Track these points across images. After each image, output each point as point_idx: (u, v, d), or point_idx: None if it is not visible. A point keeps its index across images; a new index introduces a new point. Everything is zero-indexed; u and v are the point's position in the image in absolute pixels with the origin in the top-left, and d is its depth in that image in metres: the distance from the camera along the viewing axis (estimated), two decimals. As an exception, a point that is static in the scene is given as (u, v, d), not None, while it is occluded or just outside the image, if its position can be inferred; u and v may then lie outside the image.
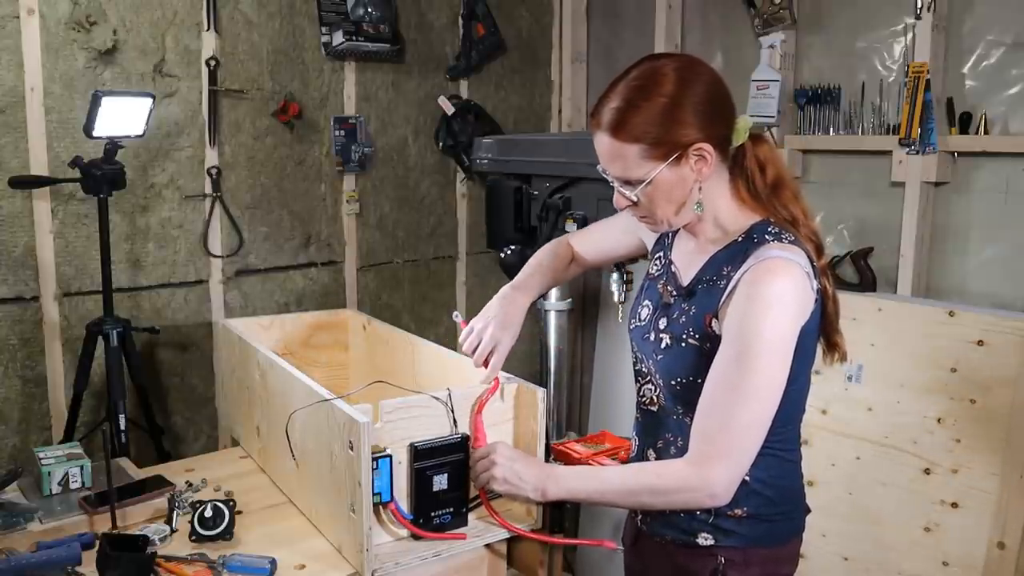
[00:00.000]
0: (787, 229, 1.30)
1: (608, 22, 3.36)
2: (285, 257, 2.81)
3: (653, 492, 1.31)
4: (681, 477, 1.28)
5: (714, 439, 1.25)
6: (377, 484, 1.44)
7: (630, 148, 1.25)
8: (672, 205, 1.30)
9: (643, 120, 1.24)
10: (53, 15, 2.27)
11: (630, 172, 1.28)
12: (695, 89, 1.25)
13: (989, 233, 2.27)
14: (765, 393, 1.23)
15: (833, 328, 1.34)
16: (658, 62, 1.28)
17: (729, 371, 1.23)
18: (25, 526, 1.59)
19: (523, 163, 2.72)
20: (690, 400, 1.31)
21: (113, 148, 2.17)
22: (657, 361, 1.37)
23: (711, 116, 1.26)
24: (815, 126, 2.59)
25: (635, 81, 1.26)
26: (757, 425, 1.24)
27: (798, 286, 1.23)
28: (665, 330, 1.36)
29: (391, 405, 1.48)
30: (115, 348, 2.23)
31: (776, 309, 1.22)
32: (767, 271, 1.22)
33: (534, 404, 1.58)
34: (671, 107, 1.23)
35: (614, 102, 1.26)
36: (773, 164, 1.34)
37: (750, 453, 1.26)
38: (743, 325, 1.22)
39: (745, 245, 1.29)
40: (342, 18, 2.77)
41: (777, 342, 1.22)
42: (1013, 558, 1.93)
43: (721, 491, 1.26)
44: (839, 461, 2.26)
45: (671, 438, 1.38)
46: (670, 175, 1.27)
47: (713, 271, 1.32)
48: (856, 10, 2.52)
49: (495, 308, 1.59)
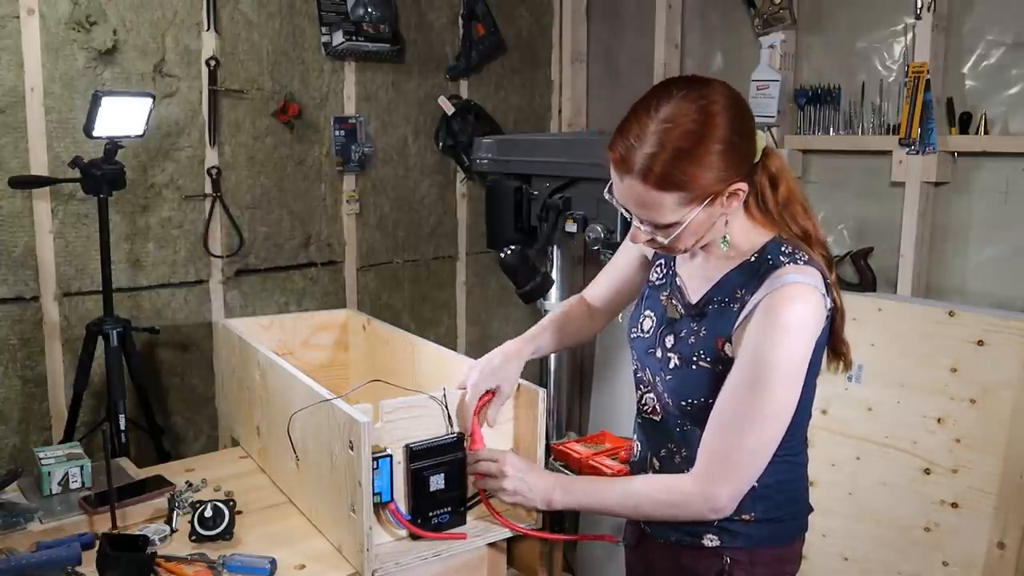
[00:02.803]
0: (799, 247, 1.28)
1: (608, 22, 3.35)
2: (285, 257, 2.81)
3: (656, 505, 1.32)
4: (686, 494, 1.29)
5: (722, 460, 1.25)
6: (377, 484, 1.44)
7: (665, 196, 1.19)
8: (695, 238, 1.27)
9: (678, 167, 1.17)
10: (53, 15, 2.27)
11: (663, 218, 1.22)
12: (725, 127, 1.19)
13: (989, 233, 2.27)
14: (777, 419, 1.24)
15: (839, 339, 1.34)
16: (685, 101, 1.19)
17: (742, 396, 1.23)
18: (25, 526, 1.59)
19: (523, 163, 2.72)
20: (701, 419, 1.31)
21: (113, 148, 2.17)
22: (666, 382, 1.36)
23: (741, 152, 1.22)
24: (815, 126, 2.59)
25: (666, 124, 1.17)
26: (766, 447, 1.25)
27: (816, 310, 1.22)
28: (673, 349, 1.35)
29: (391, 405, 1.48)
30: (115, 348, 2.23)
31: (793, 336, 1.21)
32: (787, 299, 1.21)
33: (534, 404, 1.58)
34: (705, 152, 1.17)
35: (647, 147, 1.17)
36: (784, 178, 1.31)
37: (757, 472, 1.27)
38: (759, 351, 1.21)
39: (758, 266, 1.27)
40: (342, 18, 2.77)
41: (793, 369, 1.22)
42: (1013, 558, 1.93)
43: (725, 507, 1.27)
44: (839, 461, 2.26)
45: (674, 447, 1.38)
46: (703, 216, 1.23)
47: (726, 292, 1.30)
48: (856, 10, 2.52)
49: (487, 357, 1.58)
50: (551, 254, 2.83)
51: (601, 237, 2.43)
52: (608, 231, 2.41)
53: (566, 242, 2.77)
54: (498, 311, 3.40)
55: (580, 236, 2.54)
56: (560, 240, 2.72)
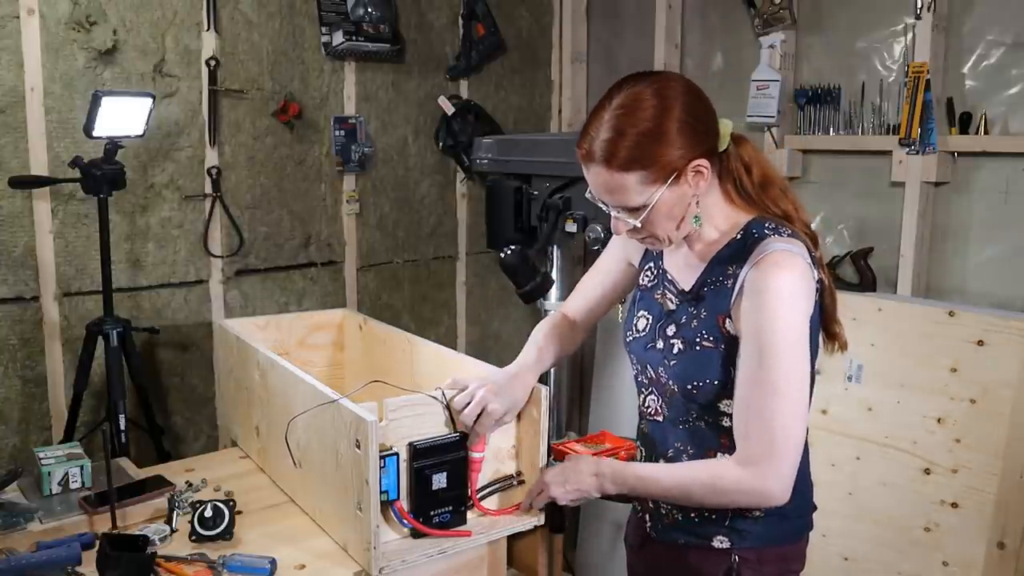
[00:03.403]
0: (782, 224, 1.31)
1: (608, 22, 3.36)
2: (285, 257, 2.81)
3: (713, 491, 1.30)
4: (735, 479, 1.27)
5: (757, 439, 1.25)
6: (384, 482, 1.44)
7: (628, 177, 1.25)
8: (673, 222, 1.31)
9: (636, 148, 1.23)
10: (53, 15, 2.27)
11: (630, 200, 1.27)
12: (680, 107, 1.25)
13: (989, 233, 2.27)
14: (794, 384, 1.24)
15: (832, 319, 1.36)
16: (636, 87, 1.27)
17: (754, 369, 1.24)
18: (25, 526, 1.59)
19: (523, 163, 2.72)
20: (707, 404, 1.32)
21: (113, 148, 2.17)
22: (670, 368, 1.36)
23: (699, 131, 1.27)
24: (815, 126, 2.59)
25: (619, 110, 1.25)
26: (794, 416, 1.25)
27: (804, 276, 1.25)
28: (676, 336, 1.36)
29: (395, 403, 1.48)
30: (115, 348, 2.23)
31: (787, 301, 1.23)
32: (773, 264, 1.24)
33: (536, 403, 1.58)
34: (659, 131, 1.23)
35: (604, 134, 1.25)
36: (758, 163, 1.35)
37: (796, 444, 1.25)
38: (758, 322, 1.24)
39: (744, 241, 1.30)
40: (342, 18, 2.77)
41: (793, 332, 1.24)
42: (1013, 558, 1.93)
43: (778, 491, 1.25)
44: (839, 461, 2.26)
45: (681, 447, 1.38)
46: (670, 195, 1.27)
47: (719, 272, 1.32)
48: (856, 10, 2.52)
49: (495, 375, 1.56)
50: (551, 254, 2.83)
51: (601, 237, 2.43)
52: (608, 231, 2.41)
53: (566, 242, 2.77)
54: (498, 311, 3.40)
55: (580, 236, 2.54)
56: (560, 240, 2.72)
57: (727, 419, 1.32)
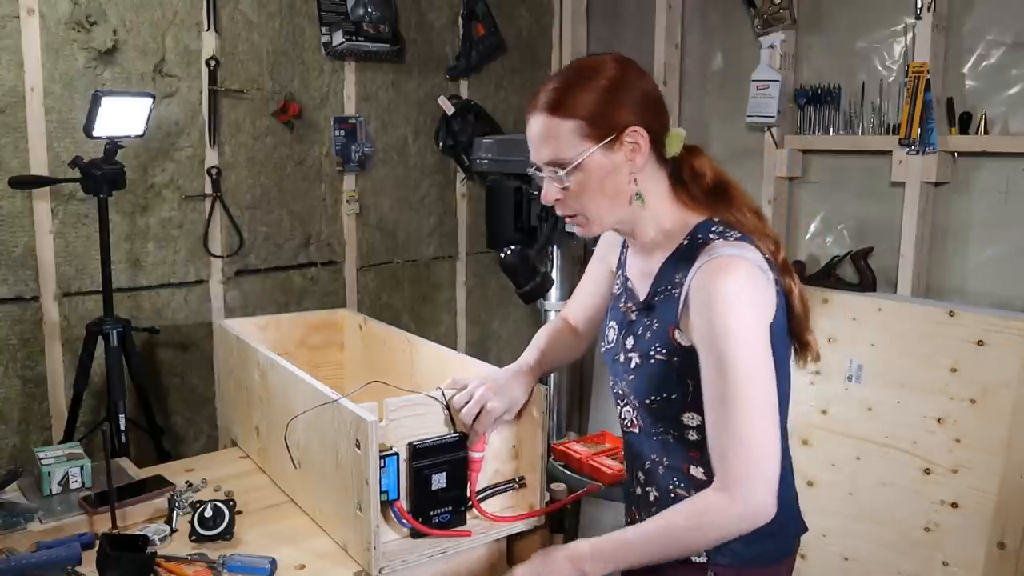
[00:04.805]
0: (732, 227, 1.27)
1: (608, 22, 3.36)
2: (285, 257, 2.81)
3: (698, 531, 1.22)
4: (718, 509, 1.20)
5: (731, 457, 1.19)
6: (384, 482, 1.44)
7: (565, 124, 1.25)
8: (604, 199, 1.28)
9: (581, 97, 1.24)
10: (53, 15, 2.27)
11: (562, 152, 1.26)
12: (633, 80, 1.27)
13: (989, 233, 2.27)
14: (757, 386, 1.18)
15: (803, 327, 1.31)
16: (598, 56, 1.31)
17: (715, 382, 1.19)
18: (25, 526, 1.58)
19: (523, 163, 2.71)
20: (669, 418, 1.28)
21: (113, 148, 2.17)
22: (629, 382, 1.33)
23: (647, 107, 1.27)
24: (815, 126, 2.59)
25: (576, 69, 1.29)
26: (763, 426, 1.18)
27: (751, 279, 1.19)
28: (633, 348, 1.33)
29: (396, 403, 1.48)
30: (115, 348, 2.23)
31: (735, 305, 1.18)
32: (716, 269, 1.19)
33: (536, 402, 1.58)
34: (610, 88, 1.25)
35: (553, 84, 1.28)
36: (712, 169, 1.33)
37: (772, 455, 1.19)
38: (710, 331, 1.19)
39: (691, 247, 1.27)
40: (342, 18, 2.77)
41: (748, 337, 1.18)
42: (1013, 558, 1.93)
43: (761, 508, 1.18)
44: (839, 461, 2.26)
45: (656, 458, 1.34)
46: (603, 160, 1.25)
47: (667, 280, 1.29)
48: (856, 10, 2.52)
49: (495, 373, 1.55)
50: (551, 254, 2.83)
51: (601, 237, 2.43)
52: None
53: (566, 242, 2.77)
54: (498, 311, 3.40)
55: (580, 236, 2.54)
56: (560, 240, 2.72)
57: (692, 432, 1.27)
